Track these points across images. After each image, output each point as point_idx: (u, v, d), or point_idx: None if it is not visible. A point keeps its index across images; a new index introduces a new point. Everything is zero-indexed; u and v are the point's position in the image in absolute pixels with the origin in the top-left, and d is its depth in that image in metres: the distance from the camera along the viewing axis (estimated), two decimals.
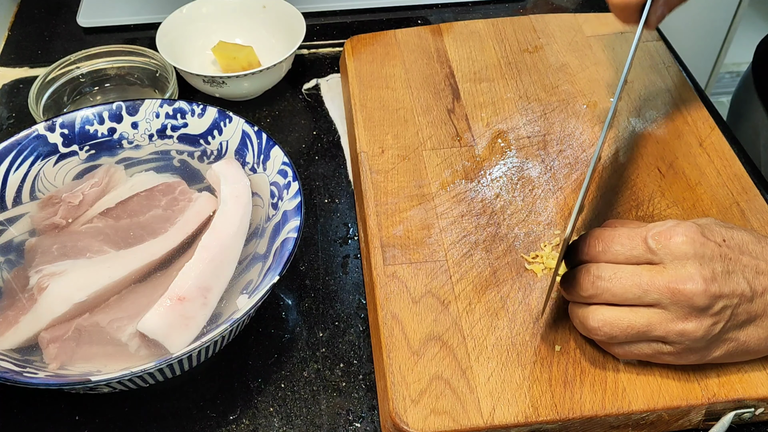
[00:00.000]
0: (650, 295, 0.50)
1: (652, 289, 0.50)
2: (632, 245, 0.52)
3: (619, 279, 0.51)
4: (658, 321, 0.51)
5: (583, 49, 0.82)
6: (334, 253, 0.68)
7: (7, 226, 0.63)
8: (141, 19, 0.93)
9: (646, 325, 0.51)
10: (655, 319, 0.51)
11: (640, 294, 0.51)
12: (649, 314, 0.51)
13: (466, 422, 0.52)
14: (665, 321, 0.50)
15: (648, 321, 0.51)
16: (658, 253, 0.51)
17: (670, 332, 0.51)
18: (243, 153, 0.66)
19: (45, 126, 0.66)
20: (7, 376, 0.50)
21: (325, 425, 0.56)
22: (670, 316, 0.50)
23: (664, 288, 0.50)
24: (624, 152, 0.70)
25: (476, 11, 0.95)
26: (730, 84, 2.04)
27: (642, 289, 0.50)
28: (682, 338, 0.51)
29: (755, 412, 0.54)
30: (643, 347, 0.53)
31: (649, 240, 0.51)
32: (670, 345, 0.52)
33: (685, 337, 0.51)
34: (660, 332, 0.51)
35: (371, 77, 0.79)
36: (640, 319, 0.51)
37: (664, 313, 0.51)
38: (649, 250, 0.51)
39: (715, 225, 0.53)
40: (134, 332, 0.54)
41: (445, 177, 0.68)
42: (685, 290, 0.49)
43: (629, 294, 0.51)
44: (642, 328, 0.51)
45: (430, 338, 0.57)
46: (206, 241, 0.59)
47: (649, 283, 0.50)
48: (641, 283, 0.50)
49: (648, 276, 0.50)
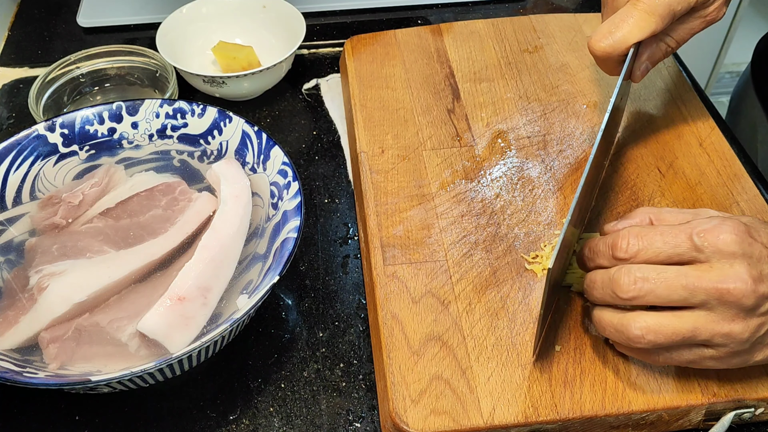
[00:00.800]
0: (697, 296, 0.48)
1: (699, 289, 0.48)
2: (676, 242, 0.49)
3: (664, 279, 0.48)
4: (704, 323, 0.48)
5: (583, 49, 0.81)
6: (334, 253, 0.68)
7: (7, 226, 0.63)
8: (141, 19, 0.93)
9: (691, 330, 0.49)
10: (701, 322, 0.49)
11: (687, 295, 0.48)
12: (694, 317, 0.49)
13: (466, 422, 0.52)
14: (711, 323, 0.48)
15: (693, 325, 0.49)
16: (705, 251, 0.48)
17: (716, 335, 0.49)
18: (243, 153, 0.66)
19: (45, 126, 0.66)
20: (7, 376, 0.50)
21: (325, 425, 0.56)
22: (716, 318, 0.48)
23: (712, 288, 0.48)
24: (624, 152, 0.70)
25: (476, 11, 0.95)
26: (730, 84, 2.04)
27: (689, 290, 0.48)
28: (727, 340, 0.49)
29: (755, 412, 0.54)
30: (685, 353, 0.51)
31: (695, 237, 0.49)
32: (713, 348, 0.50)
33: (731, 339, 0.49)
34: (705, 335, 0.49)
35: (371, 77, 0.79)
36: (686, 323, 0.49)
37: (710, 314, 0.48)
38: (694, 248, 0.49)
39: (760, 224, 0.51)
40: (134, 332, 0.54)
41: (445, 177, 0.68)
42: (735, 290, 0.47)
43: (675, 296, 0.48)
44: (687, 333, 0.49)
45: (430, 338, 0.57)
46: (206, 241, 0.59)
47: (696, 283, 0.48)
48: (688, 283, 0.48)
49: (695, 276, 0.48)
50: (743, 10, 1.70)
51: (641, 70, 0.64)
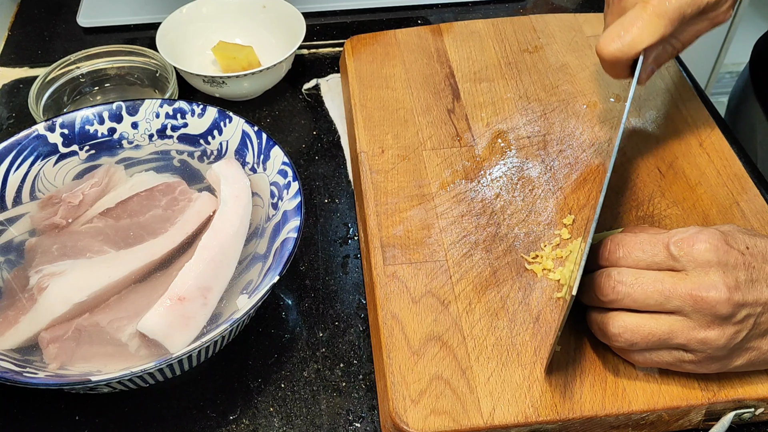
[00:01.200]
0: (672, 302, 0.49)
1: (674, 295, 0.49)
2: (654, 251, 0.51)
3: (640, 284, 0.50)
4: (680, 328, 0.50)
5: (583, 49, 0.82)
6: (334, 253, 0.68)
7: (7, 226, 0.63)
8: (141, 19, 0.93)
9: (667, 333, 0.50)
10: (677, 327, 0.50)
11: (662, 300, 0.50)
12: (670, 321, 0.50)
13: (466, 422, 0.52)
14: (687, 329, 0.50)
15: (669, 328, 0.50)
16: (681, 259, 0.50)
17: (691, 340, 0.50)
18: (243, 153, 0.66)
19: (45, 126, 0.66)
20: (7, 376, 0.50)
21: (325, 425, 0.56)
22: (692, 324, 0.49)
23: (686, 295, 0.49)
24: (624, 152, 0.70)
25: (476, 11, 0.95)
26: (729, 84, 2.04)
27: (664, 296, 0.50)
28: (703, 346, 0.50)
29: (755, 412, 0.54)
30: (664, 355, 0.52)
31: (671, 246, 0.50)
32: (691, 353, 0.51)
33: (707, 345, 0.50)
34: (681, 340, 0.50)
35: (371, 77, 0.79)
36: (662, 326, 0.50)
37: (686, 320, 0.50)
38: (671, 257, 0.50)
39: (738, 232, 0.52)
40: (134, 332, 0.54)
41: (445, 177, 0.68)
42: (708, 298, 0.48)
43: (651, 300, 0.50)
44: (663, 336, 0.50)
45: (430, 338, 0.57)
46: (206, 241, 0.59)
47: (672, 289, 0.49)
48: (663, 289, 0.50)
49: (670, 282, 0.50)
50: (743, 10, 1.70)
51: (647, 72, 0.63)
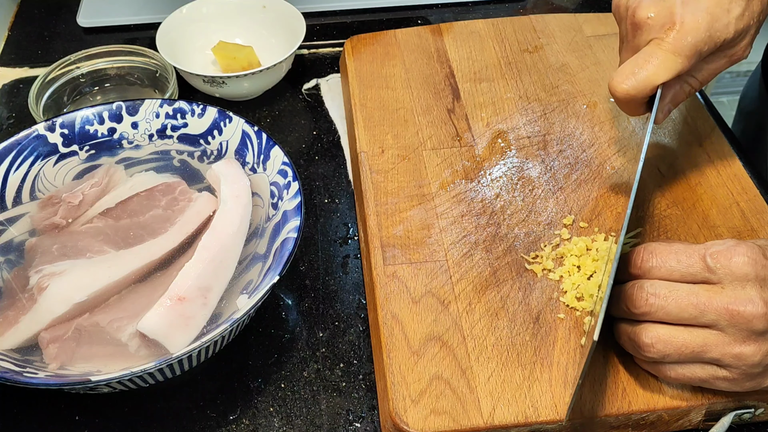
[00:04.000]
0: (707, 316, 0.48)
1: (709, 309, 0.48)
2: (689, 262, 0.50)
3: (674, 298, 0.49)
4: (714, 342, 0.49)
5: (583, 49, 0.82)
6: (334, 253, 0.68)
7: (7, 226, 0.63)
8: (141, 19, 0.93)
9: (701, 346, 0.49)
10: (711, 340, 0.49)
11: (697, 314, 0.49)
12: (705, 334, 0.49)
13: (466, 422, 0.52)
14: (722, 343, 0.49)
15: (704, 341, 0.49)
16: (717, 272, 0.49)
17: (725, 355, 0.49)
18: (243, 153, 0.66)
19: (45, 126, 0.66)
20: (7, 376, 0.50)
21: (325, 425, 0.56)
22: (727, 339, 0.48)
23: (722, 309, 0.48)
24: (624, 152, 0.70)
25: (476, 11, 0.95)
26: (730, 84, 2.04)
27: (699, 310, 0.49)
28: (738, 362, 0.49)
29: (755, 412, 0.54)
30: (697, 370, 0.51)
31: (708, 258, 0.49)
32: (725, 369, 0.50)
33: (742, 361, 0.49)
34: (715, 354, 0.49)
35: (371, 77, 0.79)
36: (696, 338, 0.49)
37: (721, 335, 0.49)
38: (707, 269, 0.49)
39: None
40: (134, 332, 0.54)
41: (445, 177, 0.68)
42: (745, 312, 0.47)
43: (685, 314, 0.49)
44: (697, 348, 0.49)
45: (430, 338, 0.57)
46: (206, 241, 0.59)
47: (707, 303, 0.48)
48: (698, 302, 0.49)
49: (705, 296, 0.49)
50: None
51: (664, 111, 0.61)
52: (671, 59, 0.56)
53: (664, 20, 0.56)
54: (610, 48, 0.81)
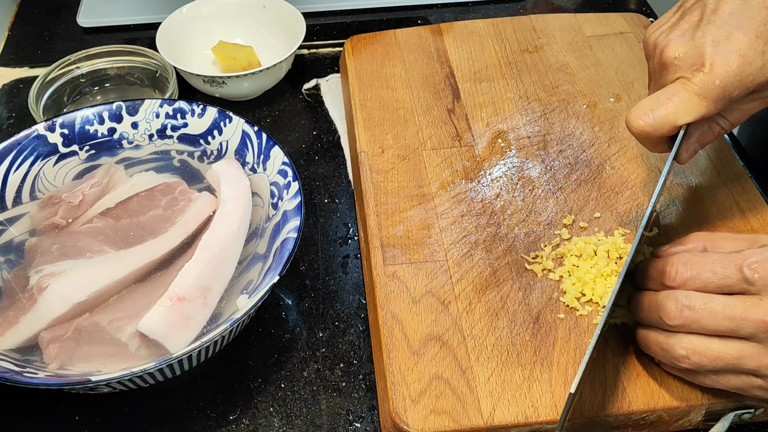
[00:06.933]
0: (744, 329, 0.47)
1: (746, 322, 0.47)
2: (725, 273, 0.48)
3: (710, 311, 0.48)
4: (751, 354, 0.48)
5: (583, 49, 0.82)
6: (334, 253, 0.68)
7: (7, 226, 0.63)
8: (141, 19, 0.93)
9: (737, 357, 0.48)
10: (748, 352, 0.48)
11: (733, 327, 0.47)
12: (741, 346, 0.48)
13: (466, 422, 0.52)
14: (759, 354, 0.48)
15: (740, 353, 0.48)
16: (756, 283, 0.47)
17: (762, 366, 0.48)
18: (243, 153, 0.66)
19: (45, 126, 0.66)
20: (7, 376, 0.50)
21: (325, 425, 0.56)
22: (765, 350, 0.47)
23: (760, 321, 0.47)
24: (624, 152, 0.70)
25: (476, 11, 0.95)
26: None
27: (735, 323, 0.47)
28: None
29: (755, 413, 0.54)
30: (733, 379, 0.50)
31: (745, 269, 0.48)
32: (762, 378, 0.49)
33: None
34: (752, 365, 0.48)
35: (371, 77, 0.79)
36: (731, 350, 0.48)
37: (758, 346, 0.47)
38: (744, 280, 0.48)
39: None
40: (134, 332, 0.54)
41: (445, 177, 0.68)
42: None
43: (721, 327, 0.48)
44: (732, 360, 0.48)
45: (430, 338, 0.57)
46: (206, 241, 0.59)
47: (743, 316, 0.47)
48: (734, 315, 0.47)
49: (741, 309, 0.47)
50: None
51: (689, 152, 0.57)
52: (695, 101, 0.53)
53: (693, 60, 0.53)
54: (610, 48, 0.81)
